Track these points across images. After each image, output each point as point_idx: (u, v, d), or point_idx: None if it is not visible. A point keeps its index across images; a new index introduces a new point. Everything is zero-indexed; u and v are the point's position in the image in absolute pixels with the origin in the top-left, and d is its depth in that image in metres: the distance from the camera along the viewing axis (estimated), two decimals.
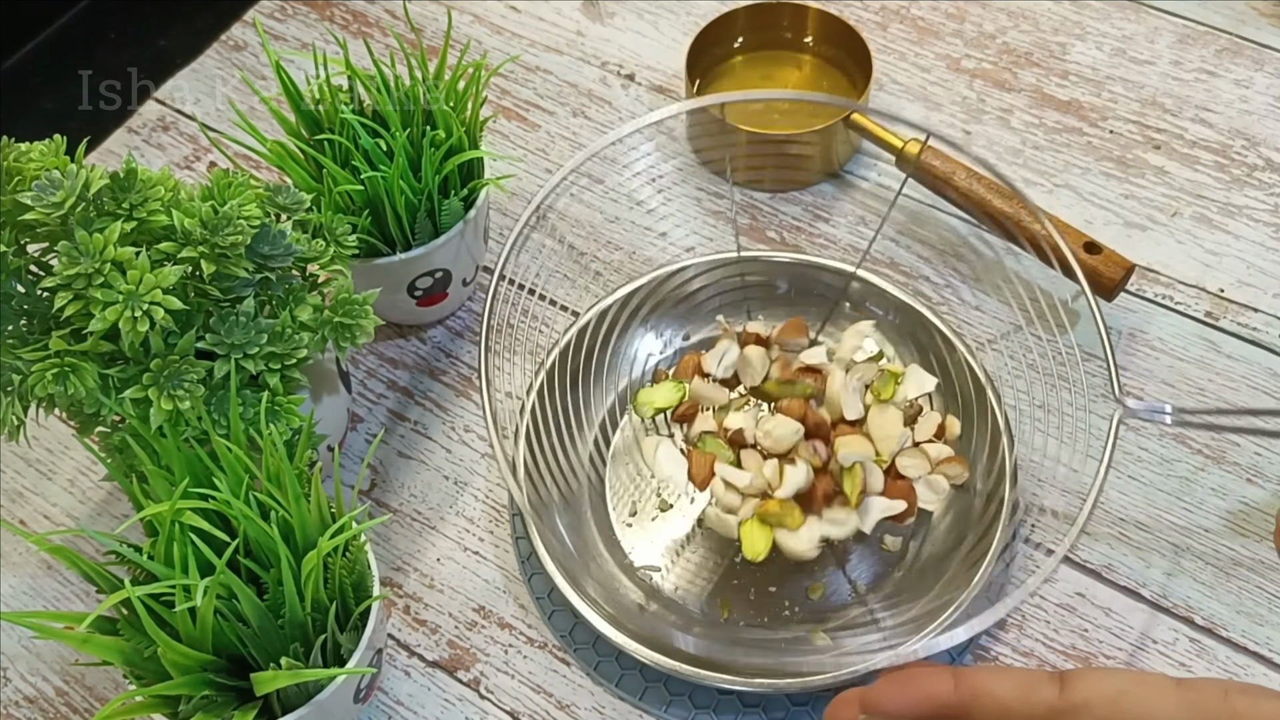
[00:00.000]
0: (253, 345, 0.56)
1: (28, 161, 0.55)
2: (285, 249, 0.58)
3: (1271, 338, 0.72)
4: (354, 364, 0.74)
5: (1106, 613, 0.63)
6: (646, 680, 0.62)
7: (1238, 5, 0.88)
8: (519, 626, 0.64)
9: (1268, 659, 0.61)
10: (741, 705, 0.61)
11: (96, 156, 0.85)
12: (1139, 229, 0.77)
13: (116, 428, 0.57)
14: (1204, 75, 0.84)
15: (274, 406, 0.57)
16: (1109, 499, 0.67)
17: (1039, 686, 0.43)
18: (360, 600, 0.55)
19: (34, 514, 0.69)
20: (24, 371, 0.54)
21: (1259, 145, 0.80)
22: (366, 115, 0.68)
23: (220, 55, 0.90)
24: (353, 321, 0.59)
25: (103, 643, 0.51)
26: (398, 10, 0.91)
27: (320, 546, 0.51)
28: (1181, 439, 0.69)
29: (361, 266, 0.67)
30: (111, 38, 0.96)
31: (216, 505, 0.54)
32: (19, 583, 0.67)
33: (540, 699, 0.62)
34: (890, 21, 0.87)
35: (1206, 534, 0.65)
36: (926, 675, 0.45)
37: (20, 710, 0.63)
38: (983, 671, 0.44)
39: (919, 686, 0.45)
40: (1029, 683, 0.43)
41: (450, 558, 0.67)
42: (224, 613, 0.52)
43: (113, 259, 0.52)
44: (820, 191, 0.80)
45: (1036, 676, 0.44)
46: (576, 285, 0.71)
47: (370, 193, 0.65)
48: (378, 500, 0.69)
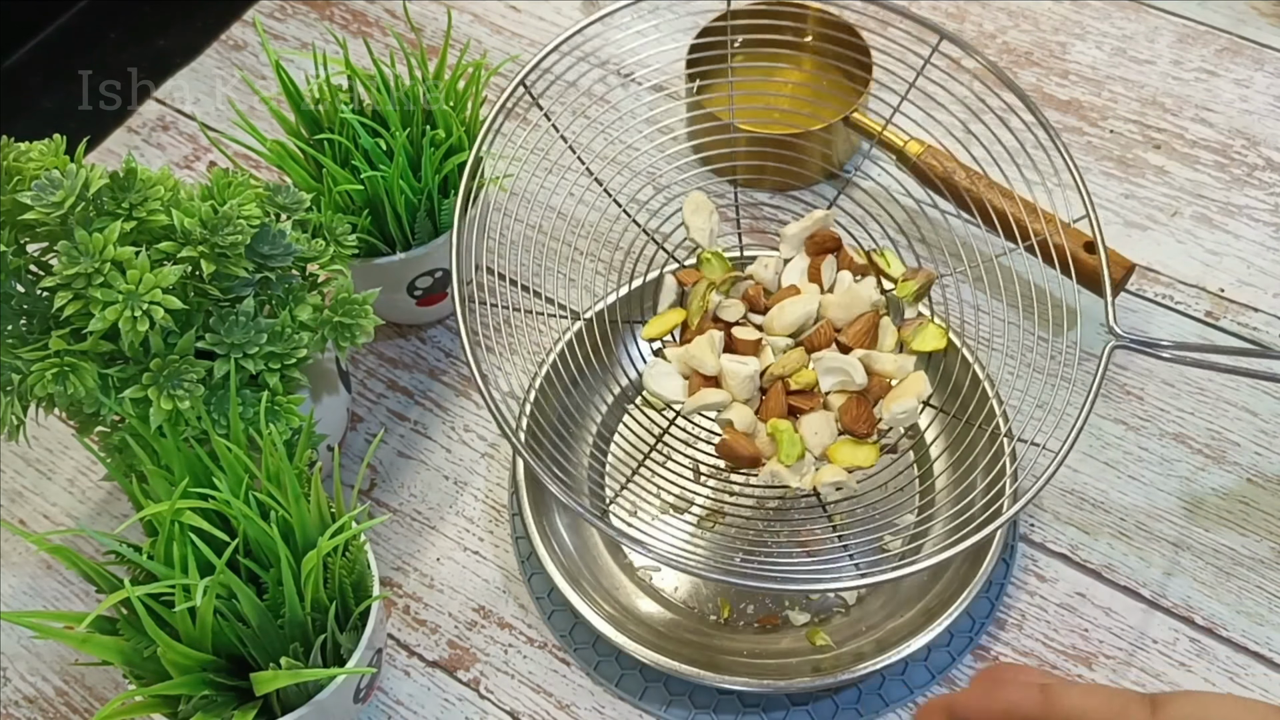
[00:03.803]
0: (252, 345, 0.56)
1: (27, 161, 0.55)
2: (285, 249, 0.58)
3: (1271, 338, 0.72)
4: (354, 364, 0.74)
5: (1107, 613, 0.63)
6: (646, 680, 0.62)
7: (1238, 5, 0.88)
8: (519, 626, 0.64)
9: (1268, 659, 0.61)
10: (741, 705, 0.61)
11: (96, 156, 0.85)
12: (1139, 229, 0.77)
13: (116, 427, 0.57)
14: (1204, 75, 0.84)
15: (274, 406, 0.57)
16: (1109, 499, 0.67)
17: (1130, 708, 0.41)
18: (360, 600, 0.55)
19: (34, 514, 0.69)
20: (24, 371, 0.54)
21: (1259, 145, 0.80)
22: (366, 115, 0.68)
23: (220, 55, 0.90)
24: (353, 321, 0.59)
25: (102, 643, 0.51)
26: (398, 10, 0.91)
27: (320, 546, 0.51)
28: (1181, 439, 0.69)
29: (361, 266, 0.67)
30: (111, 38, 0.96)
31: (216, 505, 0.54)
32: (19, 582, 0.67)
33: (540, 699, 0.62)
34: (890, 21, 0.87)
35: (1206, 534, 0.65)
36: (1014, 685, 0.44)
37: (20, 710, 0.63)
38: (1072, 688, 0.43)
39: (1005, 696, 0.44)
40: (1120, 704, 0.42)
41: (450, 558, 0.67)
42: (224, 613, 0.52)
43: (112, 259, 0.52)
44: (820, 191, 0.80)
45: (1127, 697, 0.42)
46: (576, 285, 0.71)
47: (370, 192, 0.65)
48: (377, 500, 0.69)
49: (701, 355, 0.60)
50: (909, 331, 0.62)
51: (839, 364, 0.60)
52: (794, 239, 0.65)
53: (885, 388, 0.60)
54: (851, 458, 0.59)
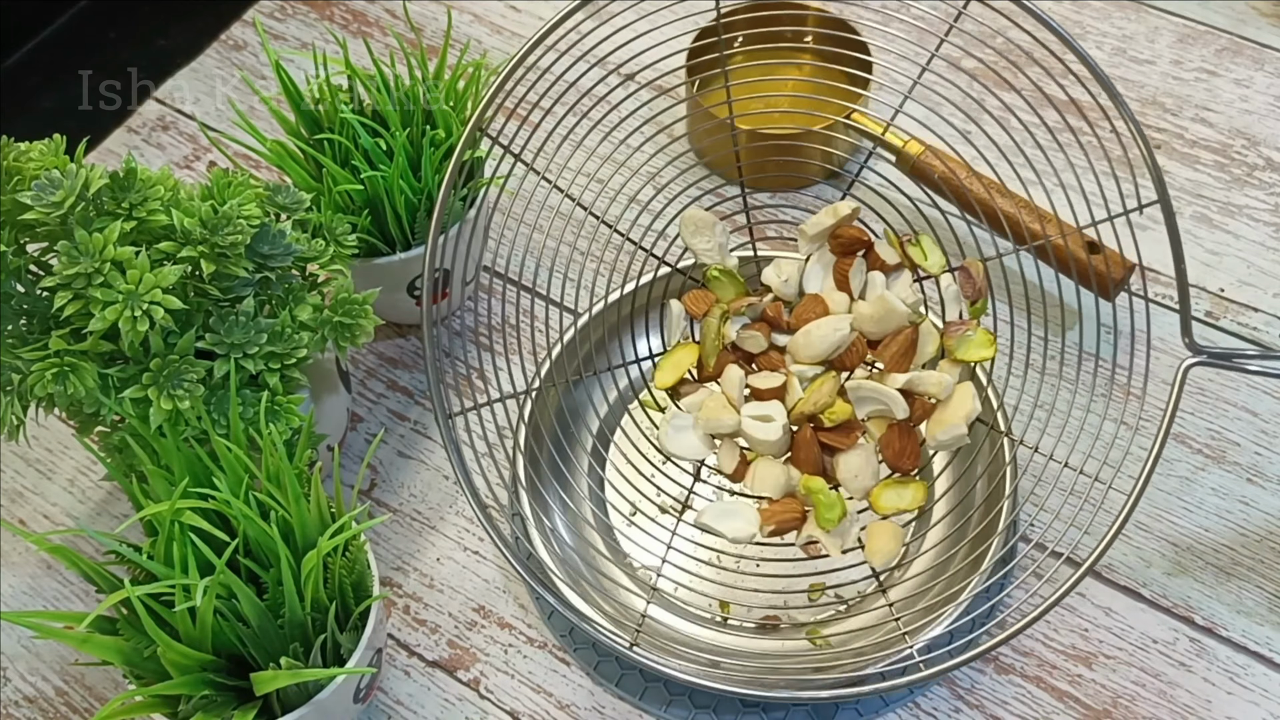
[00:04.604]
0: (252, 345, 0.56)
1: (27, 161, 0.55)
2: (285, 249, 0.58)
3: (1272, 338, 0.72)
4: (354, 364, 0.74)
5: (1107, 613, 0.63)
6: (646, 680, 0.62)
7: (1238, 5, 0.88)
8: (519, 626, 0.64)
9: (1268, 659, 0.61)
10: (741, 705, 0.61)
11: (96, 156, 0.85)
12: (1139, 228, 0.77)
13: (116, 427, 0.57)
14: (1204, 75, 0.84)
15: (274, 406, 0.57)
16: (1109, 499, 0.67)
17: None
18: (360, 600, 0.55)
19: (33, 514, 0.69)
20: (24, 371, 0.54)
21: (1259, 145, 0.80)
22: (366, 115, 0.68)
23: (220, 55, 0.90)
24: (353, 321, 0.59)
25: (102, 642, 0.51)
26: (397, 10, 0.91)
27: (320, 546, 0.51)
28: (1182, 439, 0.69)
29: (361, 266, 0.67)
30: (111, 37, 0.96)
31: (216, 505, 0.54)
32: (19, 582, 0.67)
33: (540, 699, 0.62)
34: (890, 21, 0.87)
35: (1207, 534, 0.65)
36: None
37: (20, 710, 0.63)
38: None
39: None
40: None
41: (450, 557, 0.67)
42: (224, 612, 0.52)
43: (112, 258, 0.52)
44: (820, 191, 0.80)
45: None
46: (576, 285, 0.71)
47: (370, 192, 0.65)
48: (377, 500, 0.69)
49: (718, 416, 0.55)
50: (954, 339, 0.56)
51: (876, 394, 0.54)
52: (815, 237, 0.58)
53: (929, 408, 0.55)
54: (898, 501, 0.54)
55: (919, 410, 0.55)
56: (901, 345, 0.55)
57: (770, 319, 0.58)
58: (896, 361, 0.56)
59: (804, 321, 0.57)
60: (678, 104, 0.83)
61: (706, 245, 0.59)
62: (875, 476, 0.55)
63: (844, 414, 0.54)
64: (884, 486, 0.55)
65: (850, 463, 0.55)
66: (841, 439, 0.55)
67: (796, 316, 0.58)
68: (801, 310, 0.58)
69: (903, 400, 0.55)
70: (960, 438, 0.54)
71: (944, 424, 0.54)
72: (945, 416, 0.54)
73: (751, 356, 0.58)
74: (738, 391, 0.56)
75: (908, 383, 0.55)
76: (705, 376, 0.58)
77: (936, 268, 0.57)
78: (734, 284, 0.59)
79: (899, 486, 0.55)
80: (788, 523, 0.55)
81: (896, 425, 0.55)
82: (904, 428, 0.55)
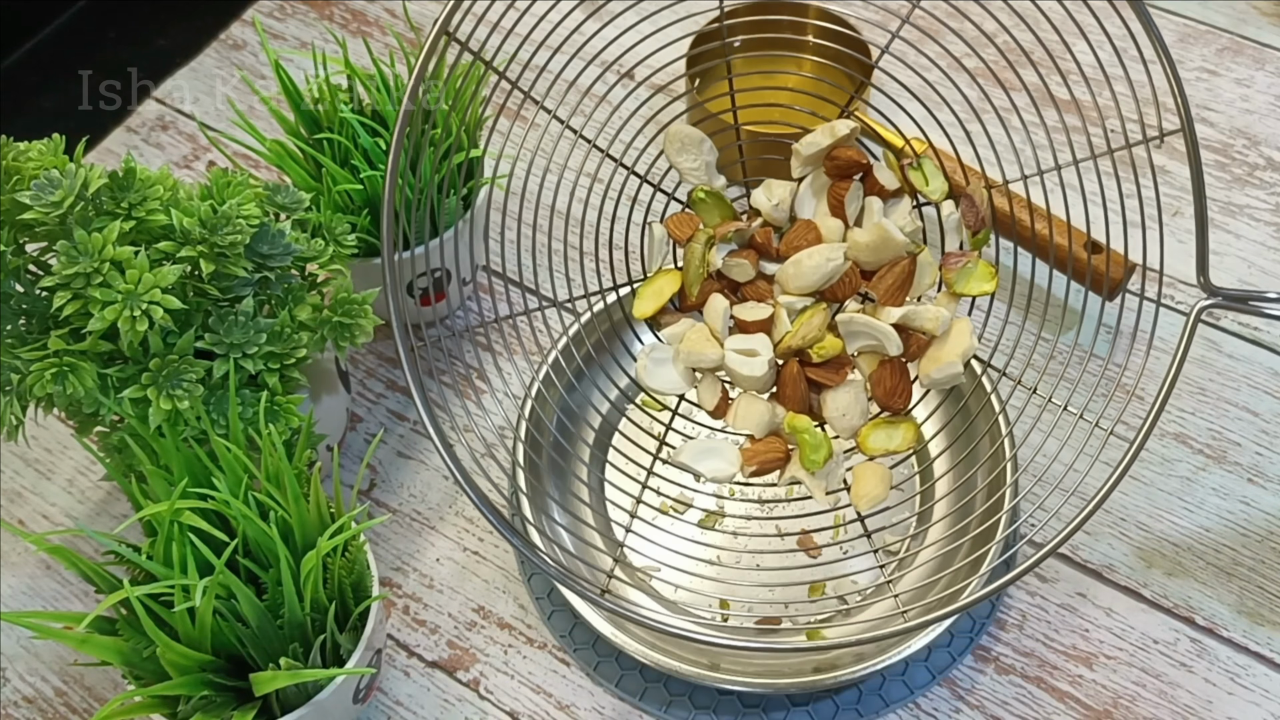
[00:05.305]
0: (251, 345, 0.56)
1: (27, 161, 0.55)
2: (284, 248, 0.58)
3: (1272, 338, 0.72)
4: (354, 364, 0.74)
5: (1107, 613, 0.63)
6: (646, 680, 0.61)
7: (1238, 4, 0.88)
8: (518, 626, 0.64)
9: (1268, 659, 0.61)
10: (741, 705, 0.61)
11: (95, 156, 0.85)
12: (1139, 228, 0.77)
13: (115, 427, 0.57)
14: (1205, 74, 0.84)
15: (273, 406, 0.57)
16: (1110, 499, 0.67)
17: None
18: (359, 600, 0.55)
19: (33, 514, 0.69)
20: (23, 371, 0.54)
21: (1260, 144, 0.80)
22: (366, 114, 0.68)
23: (219, 54, 0.90)
24: (352, 321, 0.59)
25: (101, 643, 0.51)
26: (397, 9, 0.91)
27: (319, 546, 0.51)
28: (1182, 439, 0.69)
29: (361, 266, 0.67)
30: (111, 37, 0.96)
31: (215, 505, 0.54)
32: (18, 583, 0.67)
33: (540, 699, 0.62)
34: (890, 21, 0.87)
35: (1207, 534, 0.65)
36: None
37: (19, 710, 0.63)
38: None
39: None
40: None
41: (450, 558, 0.67)
42: (223, 613, 0.52)
43: (111, 258, 0.52)
44: None
45: None
46: (576, 285, 0.71)
47: (370, 192, 0.65)
48: (377, 500, 0.69)
49: (700, 350, 0.52)
50: (954, 272, 0.52)
51: (868, 329, 0.51)
52: (809, 159, 0.53)
53: (923, 344, 0.52)
54: (887, 442, 0.51)
55: (913, 346, 0.52)
56: (898, 277, 0.52)
57: (758, 245, 0.54)
58: (892, 294, 0.52)
59: (795, 249, 0.53)
60: (674, 100, 0.83)
61: (693, 164, 0.55)
62: (864, 415, 0.52)
63: (834, 349, 0.51)
64: (873, 426, 0.52)
65: (838, 400, 0.52)
66: (830, 375, 0.52)
67: (787, 244, 0.54)
68: (792, 237, 0.54)
69: (897, 336, 0.51)
70: (955, 376, 0.50)
71: (939, 361, 0.51)
72: (940, 354, 0.51)
73: (737, 285, 0.55)
74: (722, 323, 0.53)
75: (903, 317, 0.51)
76: (688, 306, 0.54)
77: (938, 193, 0.53)
78: (721, 207, 0.55)
79: (889, 427, 0.52)
80: (770, 463, 0.52)
81: (889, 362, 0.52)
82: (896, 364, 0.52)
